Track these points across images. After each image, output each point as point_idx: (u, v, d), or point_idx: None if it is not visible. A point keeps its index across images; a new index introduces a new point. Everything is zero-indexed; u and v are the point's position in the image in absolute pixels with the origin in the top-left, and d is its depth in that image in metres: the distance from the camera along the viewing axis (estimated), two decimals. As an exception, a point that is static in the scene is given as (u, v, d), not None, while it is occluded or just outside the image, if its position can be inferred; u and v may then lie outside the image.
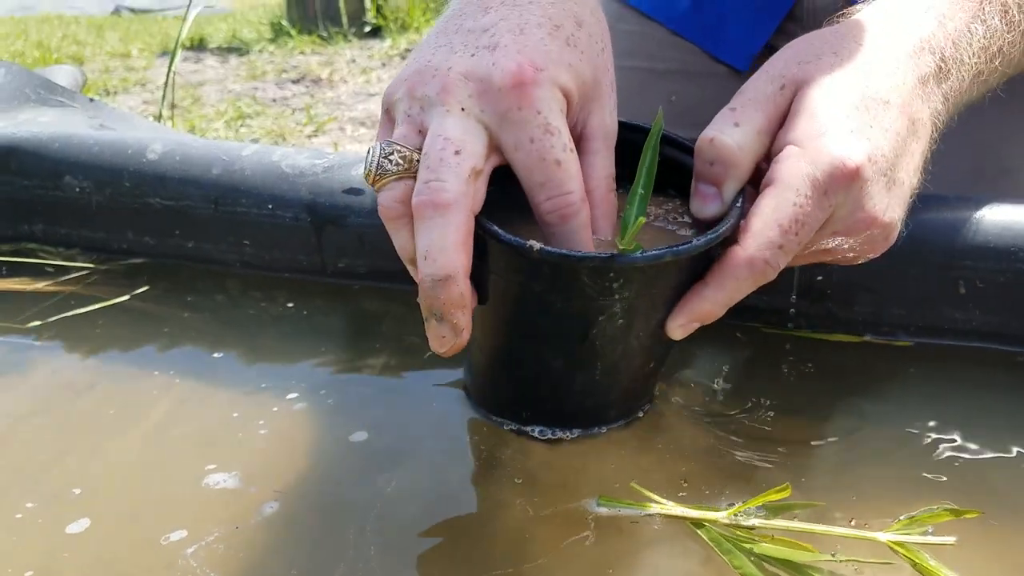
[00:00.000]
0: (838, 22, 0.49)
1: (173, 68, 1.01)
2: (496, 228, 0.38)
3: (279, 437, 0.49)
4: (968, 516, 0.40)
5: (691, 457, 0.46)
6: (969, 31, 0.47)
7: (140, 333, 0.62)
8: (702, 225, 0.43)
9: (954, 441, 0.48)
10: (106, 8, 6.39)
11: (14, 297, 0.66)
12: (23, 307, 0.65)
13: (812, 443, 0.48)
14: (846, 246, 0.44)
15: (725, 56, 0.87)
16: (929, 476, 0.45)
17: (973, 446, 0.47)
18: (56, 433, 0.51)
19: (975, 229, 0.52)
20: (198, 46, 3.99)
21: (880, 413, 0.50)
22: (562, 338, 0.41)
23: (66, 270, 0.70)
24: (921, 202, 0.53)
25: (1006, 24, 0.48)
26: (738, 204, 0.42)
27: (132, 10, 6.24)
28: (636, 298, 0.39)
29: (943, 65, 0.46)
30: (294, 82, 3.16)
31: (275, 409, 0.52)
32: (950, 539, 0.39)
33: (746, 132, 0.42)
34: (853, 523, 0.41)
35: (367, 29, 4.21)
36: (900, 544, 0.39)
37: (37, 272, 0.70)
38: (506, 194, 0.42)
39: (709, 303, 0.41)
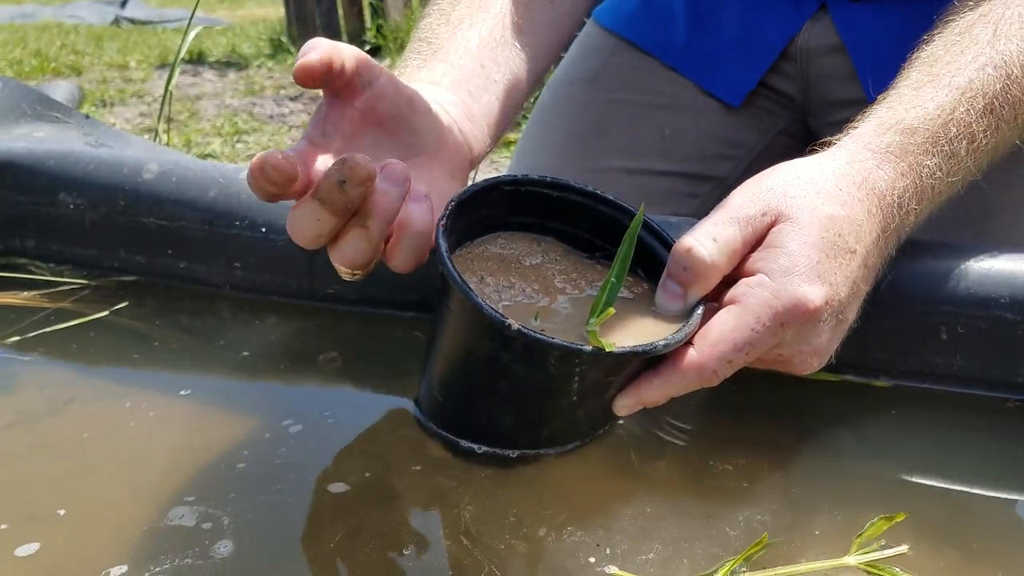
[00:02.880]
0: (835, 143, 0.53)
1: (171, 87, 1.01)
2: (479, 299, 0.40)
3: (253, 471, 0.48)
4: (898, 519, 0.43)
5: (662, 499, 0.47)
6: (934, 177, 0.51)
7: (126, 351, 0.62)
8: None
9: (927, 479, 0.49)
10: (105, 18, 6.40)
11: (2, 311, 0.67)
12: (10, 321, 0.65)
13: (784, 477, 0.49)
14: (781, 365, 0.49)
15: (719, 92, 0.88)
16: (897, 508, 0.45)
17: (947, 485, 0.48)
18: (30, 450, 0.51)
19: (956, 276, 0.53)
20: (196, 60, 4.00)
21: (856, 451, 0.51)
22: (517, 402, 0.44)
23: (56, 285, 0.70)
24: (903, 248, 0.54)
25: (971, 153, 0.53)
26: (698, 311, 0.45)
27: (131, 21, 6.25)
28: (592, 381, 0.43)
29: (907, 219, 0.51)
30: (292, 99, 3.17)
31: (267, 436, 0.51)
32: (903, 547, 0.42)
33: (721, 249, 0.46)
34: (825, 556, 0.43)
35: (367, 48, 4.24)
36: (871, 564, 0.42)
37: (26, 286, 0.70)
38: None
39: (656, 393, 0.44)
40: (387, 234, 0.49)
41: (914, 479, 0.49)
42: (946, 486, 0.48)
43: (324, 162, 0.50)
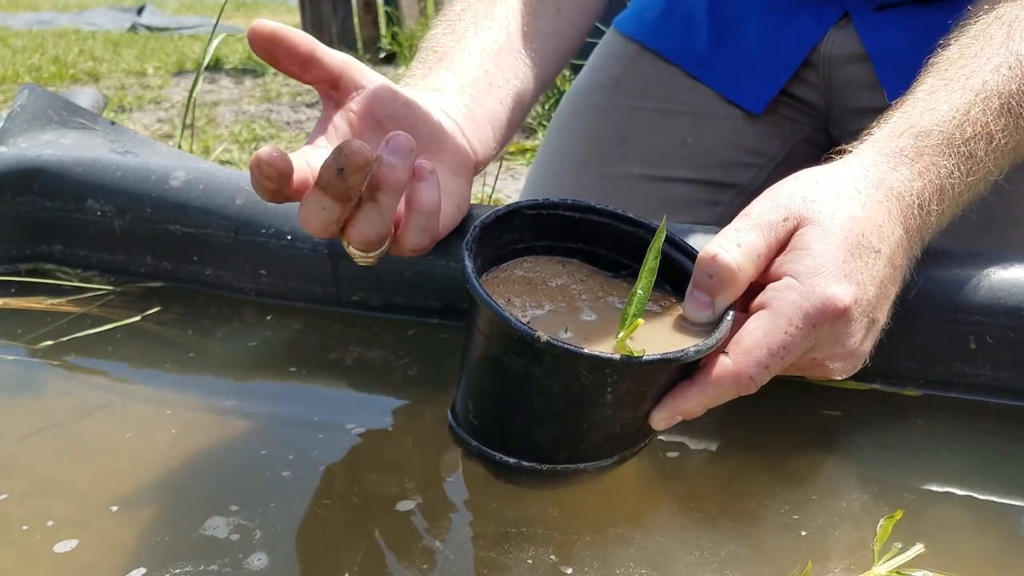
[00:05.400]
0: (851, 151, 0.53)
1: (194, 95, 1.02)
2: (507, 314, 0.40)
3: (302, 477, 0.48)
4: (897, 517, 0.44)
5: (687, 513, 0.47)
6: (953, 177, 0.51)
7: (154, 356, 0.62)
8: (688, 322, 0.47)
9: (954, 488, 0.48)
10: (123, 25, 6.44)
11: (30, 316, 0.67)
12: (38, 326, 0.65)
13: (811, 486, 0.49)
14: (817, 370, 0.48)
15: (741, 100, 0.88)
16: (922, 517, 0.46)
17: (974, 494, 0.48)
18: (63, 454, 0.51)
19: (985, 285, 0.53)
20: (213, 66, 4.02)
21: (882, 459, 0.51)
22: (553, 418, 0.44)
23: (83, 291, 0.71)
24: (932, 257, 0.53)
25: (990, 153, 0.53)
26: (728, 318, 0.45)
27: (148, 28, 6.30)
28: (626, 392, 0.42)
29: (928, 219, 0.51)
30: (308, 106, 3.18)
31: (321, 436, 0.52)
32: (919, 547, 0.43)
33: (746, 254, 0.46)
34: (854, 568, 0.43)
35: (382, 55, 4.26)
36: (900, 571, 0.42)
37: (53, 292, 0.70)
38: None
39: (692, 403, 0.44)
40: (397, 217, 0.51)
41: (940, 488, 0.49)
42: (973, 495, 0.48)
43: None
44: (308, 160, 0.51)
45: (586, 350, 0.40)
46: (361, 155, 0.44)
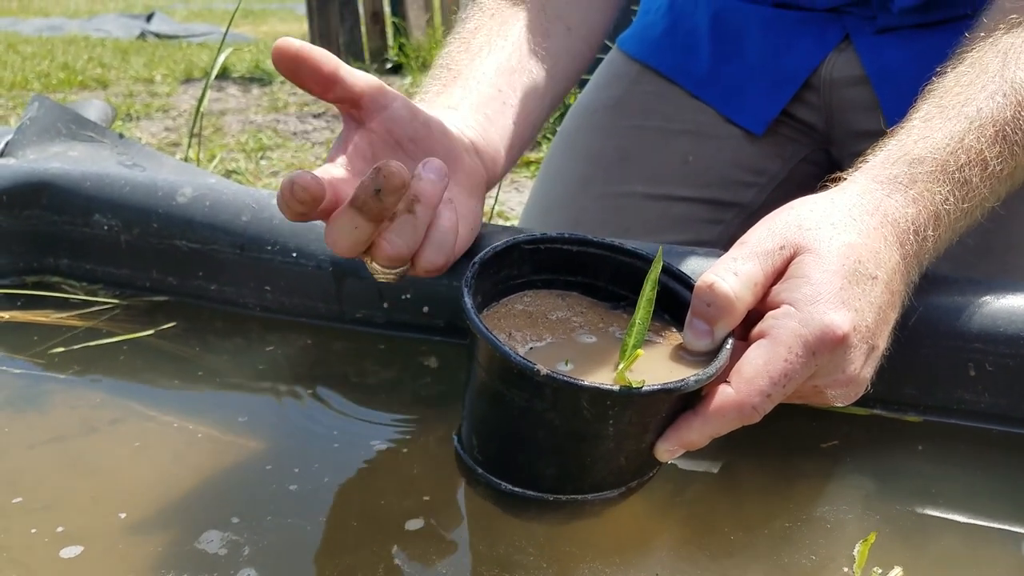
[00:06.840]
0: (846, 178, 0.53)
1: (202, 107, 1.03)
2: (506, 348, 0.41)
3: (296, 495, 0.49)
4: (870, 541, 0.44)
5: (691, 541, 0.47)
6: (947, 203, 0.52)
7: (160, 371, 0.63)
8: (689, 351, 0.47)
9: (949, 514, 0.49)
10: (131, 32, 6.49)
11: (36, 329, 0.68)
12: (44, 339, 0.66)
13: (809, 515, 0.49)
14: (819, 397, 0.49)
15: (741, 120, 0.89)
16: (917, 543, 0.46)
17: (970, 520, 0.48)
18: (69, 468, 0.52)
19: (985, 313, 0.53)
20: (221, 75, 4.04)
21: (879, 484, 0.51)
22: (556, 452, 0.44)
23: (89, 304, 0.71)
24: (932, 284, 0.54)
25: (985, 180, 0.53)
26: (727, 346, 0.45)
27: (157, 35, 6.34)
28: (628, 423, 0.42)
29: (924, 244, 0.51)
30: (315, 116, 3.20)
31: (296, 471, 0.52)
32: (898, 570, 0.43)
33: (743, 283, 0.46)
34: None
35: (388, 66, 4.28)
36: None
37: (59, 305, 0.71)
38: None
39: (696, 434, 0.44)
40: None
41: (941, 515, 0.49)
42: (974, 521, 0.48)
43: (347, 182, 0.53)
44: (331, 182, 0.51)
45: (586, 382, 0.40)
46: (399, 176, 0.45)
